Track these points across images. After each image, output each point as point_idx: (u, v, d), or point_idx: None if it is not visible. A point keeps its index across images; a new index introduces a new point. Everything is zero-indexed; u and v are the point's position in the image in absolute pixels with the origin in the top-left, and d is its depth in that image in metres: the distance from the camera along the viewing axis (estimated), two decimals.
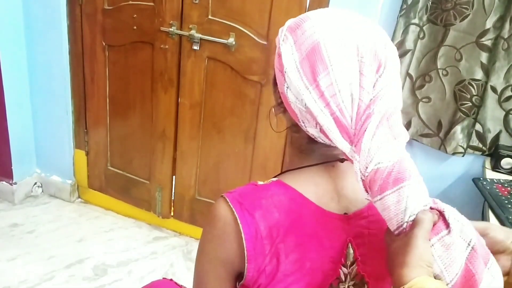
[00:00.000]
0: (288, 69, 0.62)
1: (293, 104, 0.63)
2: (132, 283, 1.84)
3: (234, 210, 0.65)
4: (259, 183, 0.70)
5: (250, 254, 0.64)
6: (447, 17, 1.55)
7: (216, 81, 1.82)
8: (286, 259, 0.65)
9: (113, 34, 1.94)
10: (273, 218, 0.65)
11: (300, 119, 0.65)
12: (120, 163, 2.17)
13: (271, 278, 0.65)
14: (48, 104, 2.15)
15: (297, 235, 0.66)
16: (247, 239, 0.64)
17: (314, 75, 0.60)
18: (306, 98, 0.61)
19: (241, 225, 0.64)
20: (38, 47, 2.05)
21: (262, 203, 0.66)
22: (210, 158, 1.96)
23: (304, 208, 0.67)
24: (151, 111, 1.98)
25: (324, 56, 0.60)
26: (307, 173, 0.70)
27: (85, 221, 2.19)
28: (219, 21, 1.72)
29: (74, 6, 1.96)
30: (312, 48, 0.60)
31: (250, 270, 0.65)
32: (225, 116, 1.86)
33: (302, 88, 0.61)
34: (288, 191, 0.68)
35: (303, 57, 0.61)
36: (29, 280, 1.78)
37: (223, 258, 0.67)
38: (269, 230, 0.65)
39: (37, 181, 2.33)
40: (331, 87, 0.60)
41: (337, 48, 0.60)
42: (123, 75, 2.00)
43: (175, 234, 2.16)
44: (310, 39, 0.61)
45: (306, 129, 0.65)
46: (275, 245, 0.65)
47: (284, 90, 0.64)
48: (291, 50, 0.62)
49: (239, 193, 0.67)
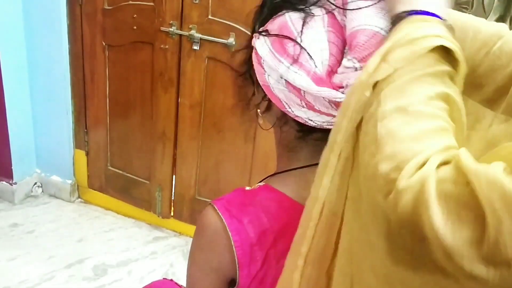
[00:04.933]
0: (263, 56, 0.63)
1: (276, 88, 0.64)
2: (132, 283, 1.84)
3: (223, 218, 0.64)
4: (246, 188, 0.70)
5: (241, 262, 0.64)
6: None
7: (216, 81, 1.82)
8: (277, 264, 0.65)
9: (113, 34, 1.94)
10: (262, 224, 0.65)
11: (285, 102, 0.64)
12: (120, 163, 2.17)
13: (263, 284, 0.65)
14: (48, 104, 2.15)
15: (287, 240, 0.65)
16: (237, 247, 0.64)
17: (284, 47, 0.61)
18: (281, 71, 0.61)
19: (230, 233, 0.64)
20: (38, 47, 2.05)
21: (250, 209, 0.66)
22: (210, 158, 1.96)
23: (293, 211, 0.66)
24: (151, 111, 1.98)
25: (292, 29, 0.61)
26: (295, 175, 0.70)
27: (85, 221, 2.19)
28: (219, 21, 1.72)
29: (74, 6, 1.96)
30: (280, 27, 0.62)
31: (242, 277, 0.65)
32: (225, 116, 1.86)
33: (277, 63, 0.62)
34: (276, 195, 0.68)
35: (273, 39, 0.63)
36: (29, 280, 1.78)
37: (214, 266, 0.67)
38: (259, 236, 0.65)
39: (37, 181, 2.33)
40: (304, 54, 0.60)
41: (301, 19, 0.61)
42: (123, 75, 2.00)
43: (175, 234, 2.16)
44: (278, 21, 0.63)
45: (294, 114, 0.65)
46: (265, 251, 0.65)
47: (266, 79, 0.65)
48: (264, 40, 0.64)
49: (227, 200, 0.67)
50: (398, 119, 0.44)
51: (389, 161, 0.42)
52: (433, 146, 0.42)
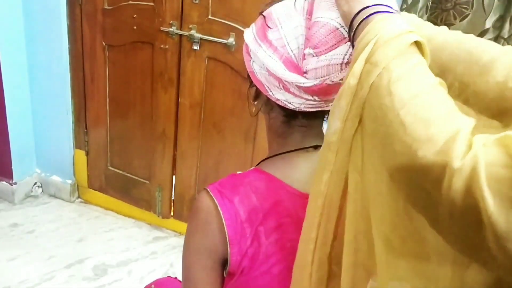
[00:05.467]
0: (250, 44, 0.70)
1: (259, 73, 0.69)
2: (132, 283, 1.84)
3: (215, 199, 0.68)
4: (238, 172, 0.74)
5: (232, 239, 0.67)
6: (447, 17, 1.55)
7: (216, 81, 1.82)
8: (267, 240, 0.68)
9: (113, 34, 1.94)
10: (252, 202, 0.69)
11: (267, 86, 0.69)
12: (120, 163, 2.17)
13: (254, 260, 0.68)
14: (48, 104, 2.15)
15: (276, 218, 0.69)
16: (228, 225, 0.67)
17: (264, 33, 0.68)
18: (259, 54, 0.67)
19: (221, 212, 0.67)
20: (38, 47, 2.05)
21: (240, 189, 0.70)
22: (210, 158, 1.96)
23: (282, 191, 0.71)
24: (151, 111, 1.98)
25: (274, 18, 0.68)
26: (284, 159, 0.75)
27: (85, 221, 2.19)
28: (219, 21, 1.72)
29: (74, 6, 1.96)
30: (266, 17, 0.69)
31: (233, 254, 0.67)
32: (225, 116, 1.86)
33: (256, 48, 0.68)
34: (266, 176, 0.72)
35: (258, 27, 0.70)
36: (29, 280, 1.78)
37: (208, 247, 0.69)
38: (248, 214, 0.68)
39: (37, 181, 2.33)
40: (281, 40, 0.66)
41: (284, 10, 0.68)
42: (123, 75, 2.00)
43: (175, 234, 2.16)
44: (265, 13, 0.70)
45: (275, 98, 0.69)
46: (255, 228, 0.68)
47: (251, 66, 0.70)
48: (251, 29, 0.71)
49: (220, 183, 0.72)
50: (418, 104, 0.44)
51: (428, 144, 0.41)
52: (464, 125, 0.41)
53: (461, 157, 0.39)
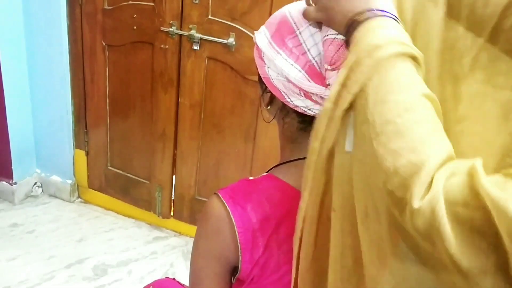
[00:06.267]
0: (263, 49, 0.67)
1: (275, 80, 0.67)
2: (132, 283, 1.84)
3: (227, 205, 0.67)
4: (250, 178, 0.72)
5: (243, 247, 0.66)
6: None
7: (216, 81, 1.82)
8: (279, 250, 0.67)
9: (113, 34, 1.94)
10: (265, 210, 0.67)
11: (284, 93, 0.67)
12: (120, 163, 2.17)
13: (264, 269, 0.67)
14: (48, 104, 2.15)
15: (288, 227, 0.67)
16: (240, 232, 0.66)
17: (283, 40, 0.65)
18: (278, 62, 0.64)
19: (234, 219, 0.66)
20: (38, 47, 2.05)
21: (253, 197, 0.68)
22: (210, 158, 1.96)
23: (295, 200, 0.69)
24: (151, 111, 1.98)
25: (291, 22, 0.65)
26: (297, 165, 0.72)
27: (85, 221, 2.19)
28: (219, 21, 1.72)
29: (74, 6, 1.96)
30: (280, 21, 0.66)
31: (244, 262, 0.66)
32: (225, 116, 1.86)
33: (274, 55, 0.65)
34: (279, 184, 0.70)
35: (273, 32, 0.67)
36: (29, 280, 1.78)
37: (218, 253, 0.68)
38: (261, 222, 0.66)
39: (37, 181, 2.33)
40: (300, 47, 0.64)
41: (300, 15, 0.64)
42: (123, 75, 2.00)
43: (175, 234, 2.16)
44: (278, 16, 0.67)
45: (294, 104, 0.67)
46: (267, 237, 0.66)
47: (266, 72, 0.67)
48: (264, 33, 0.68)
49: (231, 188, 0.70)
50: (390, 132, 0.44)
51: (394, 178, 0.42)
52: (433, 155, 0.41)
53: (420, 197, 0.39)
